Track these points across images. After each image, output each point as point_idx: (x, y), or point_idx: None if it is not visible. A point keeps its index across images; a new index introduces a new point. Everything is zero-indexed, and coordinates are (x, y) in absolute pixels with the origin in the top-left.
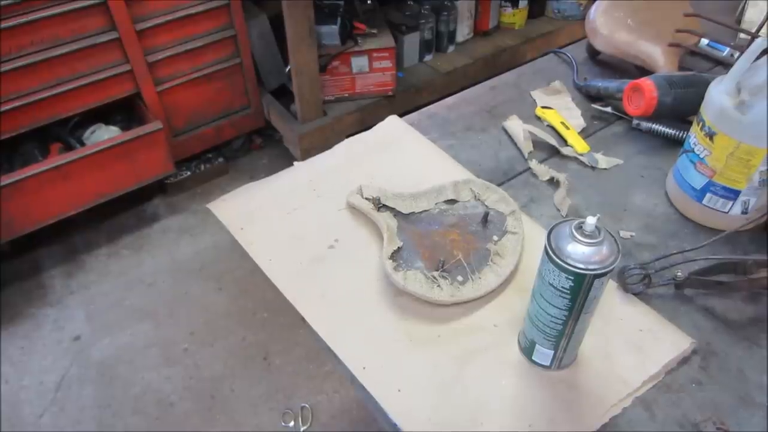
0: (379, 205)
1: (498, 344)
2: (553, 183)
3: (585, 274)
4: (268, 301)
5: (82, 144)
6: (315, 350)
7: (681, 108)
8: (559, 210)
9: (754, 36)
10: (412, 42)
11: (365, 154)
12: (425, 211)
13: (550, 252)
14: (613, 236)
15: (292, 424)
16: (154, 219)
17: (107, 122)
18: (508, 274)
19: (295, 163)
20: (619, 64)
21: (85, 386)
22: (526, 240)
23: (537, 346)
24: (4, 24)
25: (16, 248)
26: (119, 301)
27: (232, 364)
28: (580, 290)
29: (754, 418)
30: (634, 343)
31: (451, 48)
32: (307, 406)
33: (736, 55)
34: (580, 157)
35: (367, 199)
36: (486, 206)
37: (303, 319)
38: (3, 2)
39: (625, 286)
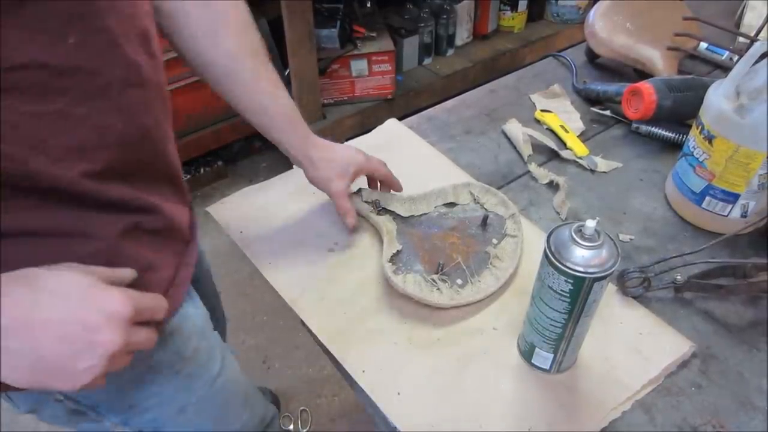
0: (379, 209)
1: (497, 347)
2: (553, 186)
3: (584, 278)
4: (267, 304)
5: None
6: (314, 353)
7: (680, 111)
8: (558, 213)
9: (753, 39)
10: (411, 45)
11: None
12: (424, 214)
13: (550, 255)
14: (612, 239)
15: (291, 427)
16: None
17: None
18: (507, 278)
19: (295, 166)
20: (618, 67)
21: None
22: (525, 243)
23: (536, 349)
24: None
25: None
26: None
27: None
28: (580, 293)
29: (754, 421)
30: (633, 347)
31: (450, 51)
32: (306, 409)
33: (735, 58)
34: (580, 161)
35: (366, 202)
36: (485, 209)
37: (302, 323)
38: None
39: (624, 290)
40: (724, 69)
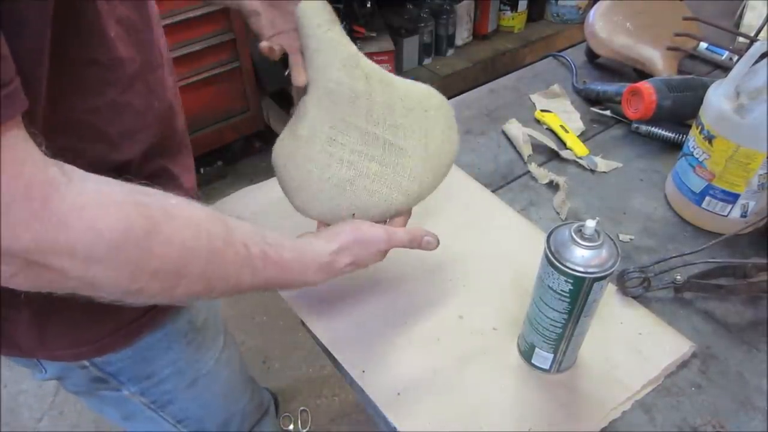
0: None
1: (497, 348)
2: (553, 186)
3: (584, 278)
4: (267, 304)
5: None
6: (314, 354)
7: (680, 111)
8: (558, 213)
9: (753, 39)
10: (411, 45)
11: None
12: None
13: (550, 255)
14: (612, 239)
15: (291, 427)
16: None
17: None
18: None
19: None
20: (618, 67)
21: None
22: (525, 244)
23: (536, 349)
24: None
25: None
26: None
27: None
28: (580, 293)
29: (754, 421)
30: (633, 347)
31: (450, 51)
32: (306, 409)
33: (735, 58)
34: (580, 161)
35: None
36: None
37: (302, 323)
38: None
39: (624, 290)
40: (724, 69)
